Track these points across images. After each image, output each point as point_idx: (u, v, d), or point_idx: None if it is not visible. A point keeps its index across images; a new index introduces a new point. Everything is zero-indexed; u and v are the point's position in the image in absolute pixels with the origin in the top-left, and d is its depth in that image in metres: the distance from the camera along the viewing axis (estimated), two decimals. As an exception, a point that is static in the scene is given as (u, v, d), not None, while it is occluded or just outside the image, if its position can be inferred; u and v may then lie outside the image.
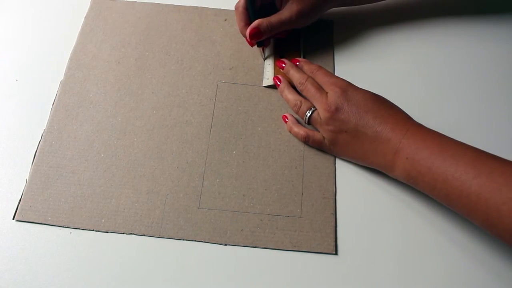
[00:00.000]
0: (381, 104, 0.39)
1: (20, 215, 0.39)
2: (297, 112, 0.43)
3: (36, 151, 0.43)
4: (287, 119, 0.44)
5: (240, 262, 0.38)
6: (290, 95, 0.44)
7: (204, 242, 0.39)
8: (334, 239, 0.39)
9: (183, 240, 0.39)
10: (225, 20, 0.51)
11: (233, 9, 0.52)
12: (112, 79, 0.47)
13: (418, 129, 0.37)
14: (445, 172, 0.34)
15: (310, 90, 0.42)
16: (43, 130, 0.44)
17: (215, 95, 0.46)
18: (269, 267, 0.38)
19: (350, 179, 0.42)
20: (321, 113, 0.40)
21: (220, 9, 0.52)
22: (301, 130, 0.42)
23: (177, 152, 0.43)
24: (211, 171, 0.42)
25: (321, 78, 0.43)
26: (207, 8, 0.52)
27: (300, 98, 0.43)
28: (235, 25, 0.51)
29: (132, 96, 0.46)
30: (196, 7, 0.52)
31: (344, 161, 0.43)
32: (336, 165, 0.43)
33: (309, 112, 0.42)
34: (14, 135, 0.44)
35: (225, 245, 0.39)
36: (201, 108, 0.45)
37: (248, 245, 0.39)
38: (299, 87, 0.44)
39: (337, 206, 0.41)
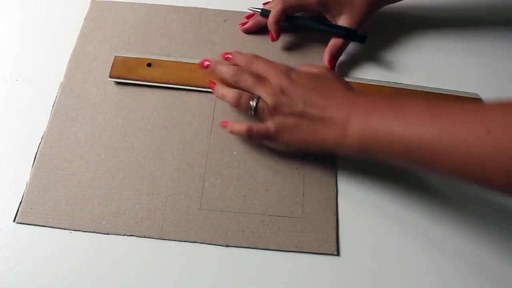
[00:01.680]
0: (326, 81, 0.38)
1: (21, 217, 0.39)
2: (238, 106, 0.40)
3: (36, 153, 0.42)
4: (225, 123, 0.41)
5: (241, 264, 0.38)
6: (227, 91, 0.40)
7: (205, 243, 0.39)
8: (335, 240, 0.39)
9: (184, 241, 0.39)
10: (225, 20, 0.51)
11: (233, 9, 0.52)
12: (112, 81, 0.47)
13: (368, 95, 0.37)
14: (402, 122, 0.32)
15: (247, 80, 0.39)
16: (43, 132, 0.44)
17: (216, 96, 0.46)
18: (271, 268, 0.38)
19: (351, 180, 0.42)
20: (266, 99, 0.38)
21: (220, 9, 0.52)
22: (242, 126, 0.39)
23: (177, 153, 0.43)
24: (212, 172, 0.42)
25: (260, 65, 0.40)
26: (207, 9, 0.52)
27: (238, 90, 0.40)
28: (235, 26, 0.51)
29: (132, 97, 0.46)
30: (196, 8, 0.52)
31: (345, 161, 0.43)
32: (337, 165, 0.42)
33: (253, 102, 0.39)
34: (14, 137, 0.44)
35: (226, 246, 0.39)
36: (202, 109, 0.45)
37: (249, 246, 0.38)
38: (233, 80, 0.40)
39: (339, 207, 0.40)
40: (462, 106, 0.30)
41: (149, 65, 0.47)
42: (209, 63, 0.43)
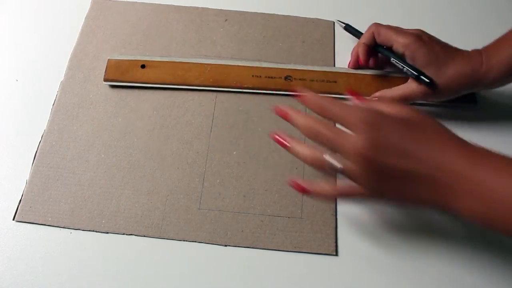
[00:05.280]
0: (421, 128, 0.32)
1: (20, 216, 0.39)
2: (321, 169, 0.33)
3: (36, 151, 0.43)
4: (304, 187, 0.35)
5: (240, 263, 0.38)
6: (304, 150, 0.34)
7: (205, 243, 0.39)
8: (334, 240, 0.39)
9: (184, 241, 0.39)
10: (226, 20, 0.51)
11: (234, 9, 0.52)
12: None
13: (474, 146, 0.31)
14: None
15: (323, 135, 0.32)
16: (43, 131, 0.44)
17: (216, 96, 0.46)
18: (270, 268, 0.38)
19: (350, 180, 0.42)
20: (352, 160, 0.31)
21: (220, 9, 0.52)
22: (327, 187, 0.35)
23: (177, 152, 0.43)
24: (212, 171, 0.42)
25: (333, 111, 0.32)
26: (207, 8, 0.52)
27: (318, 150, 0.33)
28: (235, 25, 0.51)
29: (132, 96, 0.46)
30: (197, 8, 0.52)
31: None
32: (337, 166, 0.42)
33: (338, 164, 0.32)
34: (14, 135, 0.44)
35: (226, 246, 0.39)
36: (202, 108, 0.45)
37: (248, 246, 0.39)
38: (307, 135, 0.33)
39: (338, 207, 0.41)
40: None
41: (143, 66, 0.46)
42: (282, 112, 0.35)
